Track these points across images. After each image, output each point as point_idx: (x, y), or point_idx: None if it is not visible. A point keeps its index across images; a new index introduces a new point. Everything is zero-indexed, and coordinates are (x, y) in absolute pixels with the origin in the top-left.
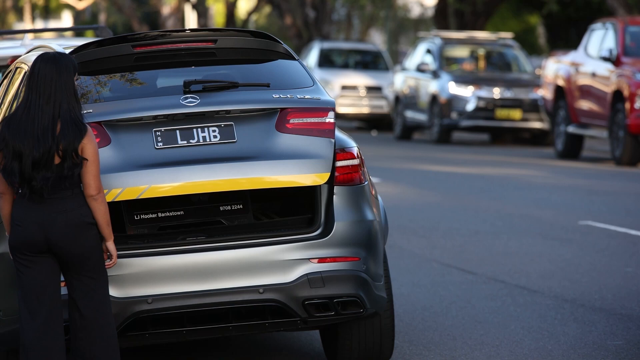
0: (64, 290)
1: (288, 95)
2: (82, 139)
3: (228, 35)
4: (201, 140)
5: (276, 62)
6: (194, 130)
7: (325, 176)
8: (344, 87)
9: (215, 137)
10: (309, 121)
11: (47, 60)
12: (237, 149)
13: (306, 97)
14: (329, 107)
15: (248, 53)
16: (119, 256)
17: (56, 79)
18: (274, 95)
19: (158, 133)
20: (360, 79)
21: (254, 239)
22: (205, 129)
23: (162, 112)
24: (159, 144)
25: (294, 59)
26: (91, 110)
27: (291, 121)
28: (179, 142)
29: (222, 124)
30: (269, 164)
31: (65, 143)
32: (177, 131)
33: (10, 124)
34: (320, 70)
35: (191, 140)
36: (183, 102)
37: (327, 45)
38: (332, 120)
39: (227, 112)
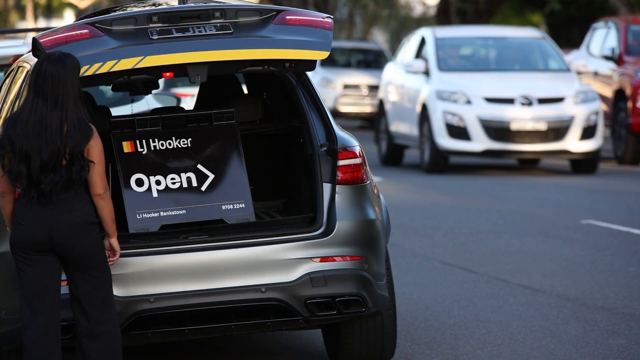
0: (63, 290)
1: (285, 7)
2: (88, 141)
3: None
4: (197, 32)
5: None
6: (190, 27)
7: (324, 54)
8: (346, 86)
9: (211, 30)
10: (307, 18)
11: (54, 61)
12: (234, 36)
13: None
14: (327, 15)
15: None
16: (121, 255)
17: (63, 80)
18: (270, 6)
19: (154, 31)
20: (363, 78)
21: (255, 238)
22: (202, 26)
23: (157, 11)
24: (154, 36)
25: None
26: (82, 21)
27: (288, 18)
28: (174, 34)
29: (219, 24)
30: (267, 40)
31: (72, 145)
32: (173, 29)
33: (17, 125)
34: (322, 69)
35: (187, 33)
36: (178, 6)
37: None
38: (330, 21)
39: (223, 13)
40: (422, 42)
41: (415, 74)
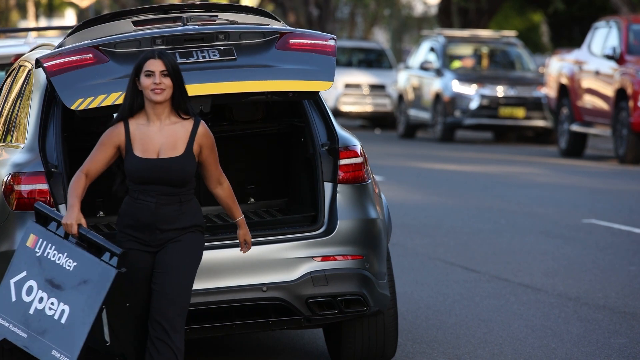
0: None
1: (288, 27)
2: None
3: (228, 12)
4: (200, 58)
5: None
6: (193, 51)
7: (327, 85)
8: (348, 86)
9: (214, 55)
10: (310, 42)
11: None
12: (238, 64)
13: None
14: (330, 36)
15: None
16: None
17: None
18: (273, 26)
19: None
20: (364, 77)
21: (257, 237)
22: (205, 50)
23: (161, 33)
24: None
25: None
26: (88, 40)
27: (291, 42)
28: (178, 59)
29: (222, 47)
30: (270, 70)
31: None
32: (177, 52)
33: None
34: None
35: (190, 58)
36: (181, 28)
37: None
38: (333, 44)
39: (226, 36)
40: None
41: None
